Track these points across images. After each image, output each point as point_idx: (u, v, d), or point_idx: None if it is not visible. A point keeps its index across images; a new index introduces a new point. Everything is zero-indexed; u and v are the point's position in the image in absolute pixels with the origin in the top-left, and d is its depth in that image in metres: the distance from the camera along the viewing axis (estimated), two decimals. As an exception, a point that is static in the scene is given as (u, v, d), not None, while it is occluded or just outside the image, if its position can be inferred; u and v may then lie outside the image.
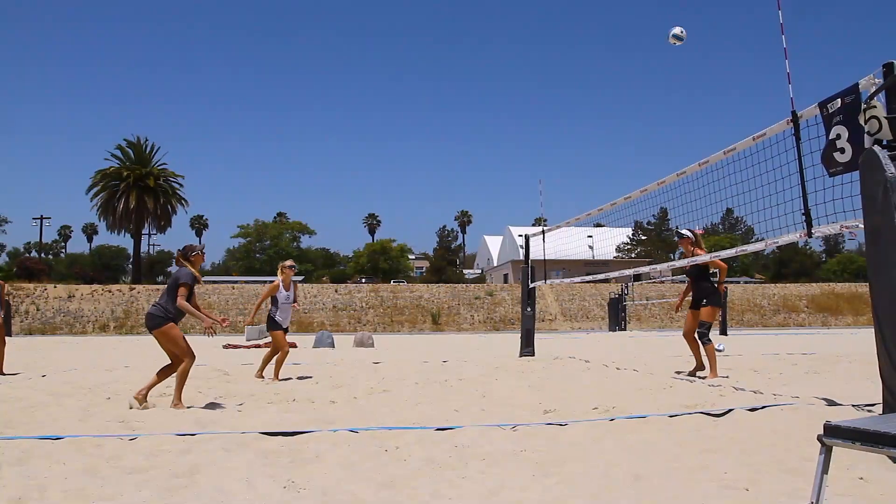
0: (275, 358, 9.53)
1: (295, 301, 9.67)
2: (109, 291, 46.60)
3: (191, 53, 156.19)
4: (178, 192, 59.75)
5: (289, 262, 9.80)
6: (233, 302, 45.98)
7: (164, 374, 6.91)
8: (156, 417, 5.92)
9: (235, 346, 21.00)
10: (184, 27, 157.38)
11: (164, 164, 60.17)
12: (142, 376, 9.33)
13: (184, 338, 6.78)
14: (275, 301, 9.49)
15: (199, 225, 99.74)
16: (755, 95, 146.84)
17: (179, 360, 6.76)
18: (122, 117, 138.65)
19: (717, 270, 9.14)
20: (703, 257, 8.40)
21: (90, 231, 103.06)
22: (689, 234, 9.11)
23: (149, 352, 18.75)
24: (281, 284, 9.49)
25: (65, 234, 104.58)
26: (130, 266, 68.44)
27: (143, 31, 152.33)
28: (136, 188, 55.69)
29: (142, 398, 6.63)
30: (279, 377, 9.26)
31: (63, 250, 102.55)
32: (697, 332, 8.93)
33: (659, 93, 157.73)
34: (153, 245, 78.53)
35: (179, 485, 3.70)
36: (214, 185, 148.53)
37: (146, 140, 59.28)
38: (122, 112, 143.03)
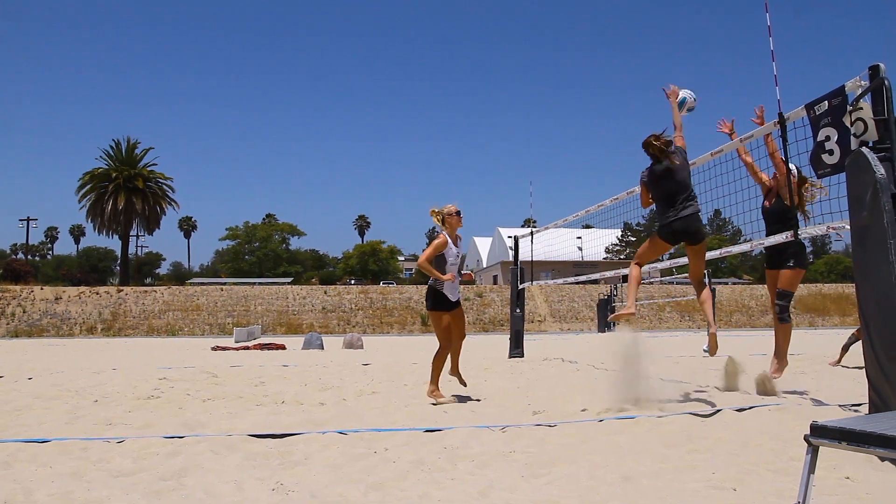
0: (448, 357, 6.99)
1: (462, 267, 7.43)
2: (97, 293, 46.35)
3: (180, 55, 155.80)
4: (166, 193, 59.57)
5: (455, 207, 7.02)
6: (221, 304, 45.81)
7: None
8: (143, 419, 5.89)
9: (224, 348, 20.92)
10: (174, 28, 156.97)
11: (154, 165, 60.06)
12: (129, 379, 9.29)
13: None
14: (440, 262, 6.78)
15: (187, 226, 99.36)
16: (743, 97, 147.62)
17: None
18: (111, 119, 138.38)
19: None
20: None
21: (77, 232, 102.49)
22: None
23: (136, 354, 18.66)
24: (448, 239, 6.86)
25: (52, 235, 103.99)
26: (118, 268, 68.01)
27: (132, 32, 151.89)
28: (125, 189, 55.50)
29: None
30: (459, 376, 7.16)
31: (50, 252, 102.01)
32: (779, 304, 6.53)
33: (648, 93, 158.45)
34: (141, 247, 78.26)
35: (167, 487, 3.68)
36: (203, 187, 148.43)
37: (135, 141, 59.12)
38: (111, 113, 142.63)
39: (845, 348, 10.63)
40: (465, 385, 7.26)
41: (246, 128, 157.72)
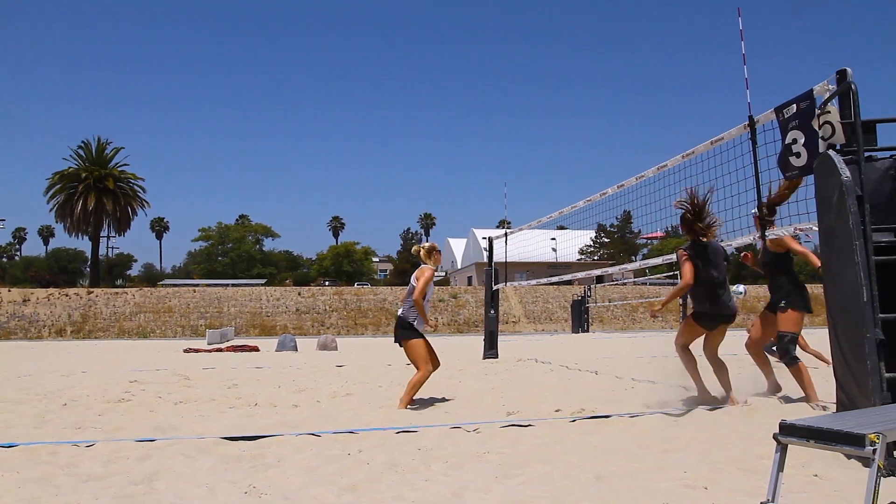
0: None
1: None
2: (66, 295, 45.65)
3: (152, 54, 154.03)
4: (138, 193, 58.87)
5: (436, 245, 7.22)
6: (194, 305, 45.35)
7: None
8: (113, 423, 5.81)
9: (197, 350, 20.72)
10: (144, 27, 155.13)
11: (125, 165, 59.31)
12: (99, 381, 9.16)
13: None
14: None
15: (159, 227, 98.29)
16: (716, 97, 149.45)
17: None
18: (81, 118, 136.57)
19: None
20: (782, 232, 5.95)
21: (47, 233, 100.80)
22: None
23: (106, 357, 18.41)
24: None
25: (20, 236, 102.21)
26: (88, 269, 67.11)
27: (102, 30, 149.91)
28: (95, 190, 54.76)
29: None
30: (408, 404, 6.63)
31: (18, 253, 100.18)
32: (777, 348, 6.53)
33: (623, 94, 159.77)
34: (112, 248, 77.15)
35: (138, 492, 3.63)
36: (176, 188, 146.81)
37: (106, 141, 58.31)
38: (81, 113, 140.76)
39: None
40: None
41: (219, 128, 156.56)
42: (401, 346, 6.76)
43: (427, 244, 7.08)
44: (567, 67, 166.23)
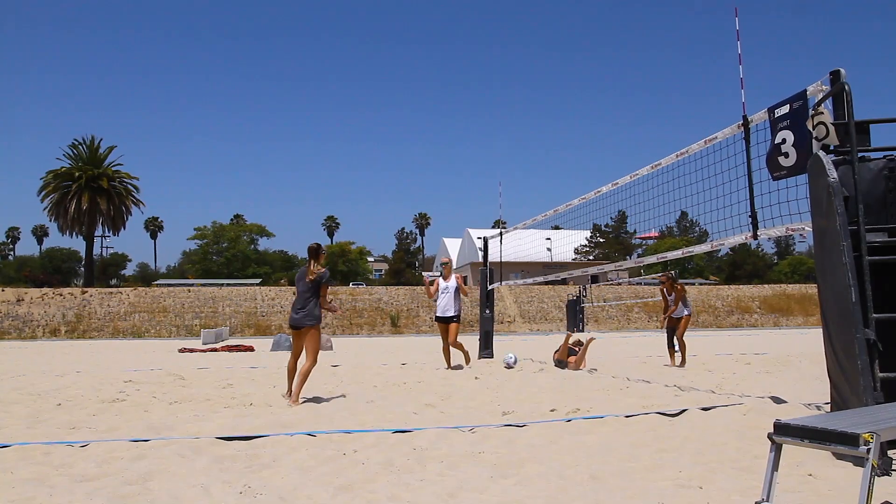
0: None
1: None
2: (60, 295, 45.48)
3: (146, 54, 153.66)
4: (132, 193, 58.64)
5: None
6: (188, 305, 45.23)
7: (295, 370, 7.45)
8: (108, 423, 5.79)
9: (191, 350, 20.68)
10: (139, 28, 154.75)
11: (119, 164, 59.08)
12: (94, 381, 9.14)
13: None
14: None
15: (154, 227, 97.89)
16: (710, 98, 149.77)
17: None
18: (76, 117, 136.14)
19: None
20: None
21: (40, 233, 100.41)
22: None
23: (101, 357, 18.37)
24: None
25: (13, 236, 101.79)
26: (83, 269, 66.83)
27: (97, 30, 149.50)
28: (89, 189, 54.51)
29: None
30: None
31: (11, 253, 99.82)
32: None
33: (618, 94, 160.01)
34: (106, 248, 77.02)
35: (132, 492, 3.63)
36: (170, 187, 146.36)
37: (100, 140, 58.09)
38: (76, 112, 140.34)
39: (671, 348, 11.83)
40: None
41: (214, 127, 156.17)
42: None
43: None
44: (562, 67, 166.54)
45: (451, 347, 10.77)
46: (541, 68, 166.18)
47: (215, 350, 20.70)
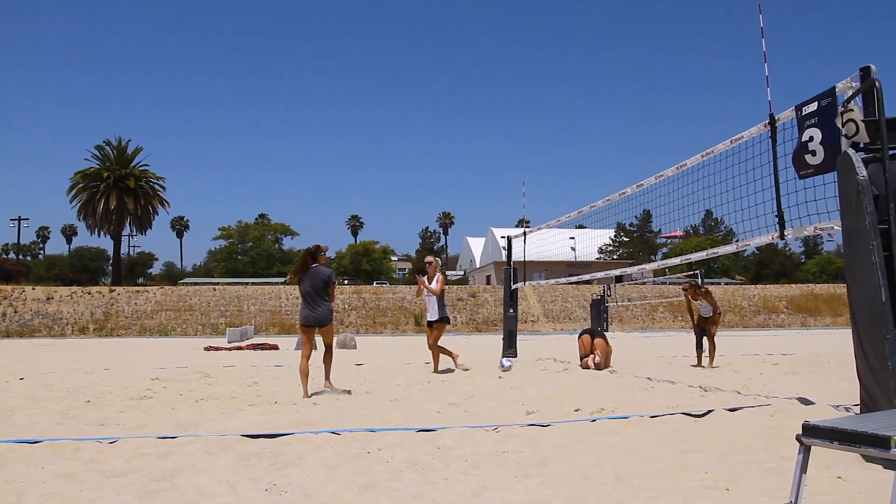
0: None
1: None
2: (89, 293, 46.10)
3: (173, 55, 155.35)
4: (158, 193, 59.28)
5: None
6: (214, 304, 45.65)
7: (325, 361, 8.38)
8: (135, 420, 5.87)
9: (217, 349, 20.87)
10: (167, 29, 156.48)
11: (146, 165, 59.77)
12: (122, 379, 9.26)
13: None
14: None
15: (180, 226, 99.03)
16: (734, 97, 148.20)
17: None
18: (103, 118, 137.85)
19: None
20: None
21: (69, 232, 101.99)
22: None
23: (128, 354, 18.59)
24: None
25: (43, 235, 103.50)
26: (110, 267, 67.73)
27: (125, 31, 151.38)
28: (117, 189, 55.20)
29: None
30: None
31: (41, 252, 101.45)
32: None
33: (642, 94, 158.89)
34: (133, 247, 77.85)
35: (160, 488, 3.67)
36: (196, 187, 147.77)
37: (127, 141, 58.82)
38: (103, 113, 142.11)
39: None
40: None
41: (238, 127, 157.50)
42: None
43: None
44: (588, 67, 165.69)
45: (435, 350, 10.49)
46: (566, 68, 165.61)
47: (240, 348, 20.88)
